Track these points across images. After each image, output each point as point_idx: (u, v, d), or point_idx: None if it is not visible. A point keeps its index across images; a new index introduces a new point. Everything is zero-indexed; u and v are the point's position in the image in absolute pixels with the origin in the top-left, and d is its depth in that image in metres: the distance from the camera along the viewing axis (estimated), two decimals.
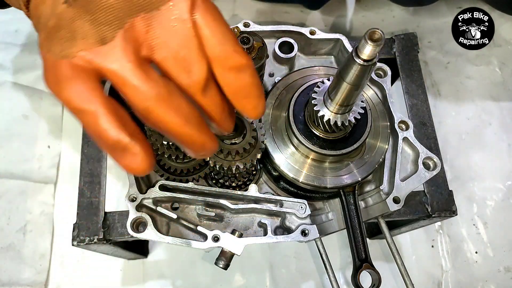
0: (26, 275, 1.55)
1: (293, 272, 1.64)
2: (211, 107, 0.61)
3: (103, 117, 0.54)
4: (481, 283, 1.64)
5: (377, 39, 0.64)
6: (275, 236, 0.95)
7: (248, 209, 0.97)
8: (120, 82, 0.54)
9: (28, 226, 1.60)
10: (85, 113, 0.54)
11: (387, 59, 1.39)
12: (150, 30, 0.55)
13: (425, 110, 1.31)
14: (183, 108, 0.57)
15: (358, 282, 0.92)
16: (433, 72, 1.93)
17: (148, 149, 0.59)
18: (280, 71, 1.14)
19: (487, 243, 1.69)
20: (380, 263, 1.62)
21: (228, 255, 0.93)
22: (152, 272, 1.62)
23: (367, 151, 0.99)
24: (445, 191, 1.22)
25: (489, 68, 1.95)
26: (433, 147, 1.26)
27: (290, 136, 0.96)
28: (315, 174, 0.96)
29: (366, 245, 0.96)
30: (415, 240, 1.68)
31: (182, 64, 0.57)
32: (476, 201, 1.74)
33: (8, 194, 1.63)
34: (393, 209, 0.99)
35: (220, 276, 1.61)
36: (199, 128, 0.60)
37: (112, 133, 0.54)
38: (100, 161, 1.22)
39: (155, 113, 0.55)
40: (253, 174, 1.04)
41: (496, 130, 1.85)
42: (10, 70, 1.78)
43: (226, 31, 0.60)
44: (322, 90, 0.86)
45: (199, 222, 0.99)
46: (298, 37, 1.13)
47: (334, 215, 1.05)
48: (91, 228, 1.13)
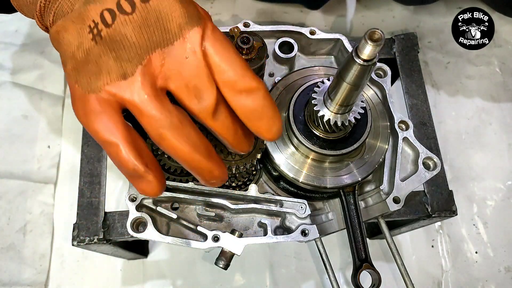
0: (26, 275, 1.55)
1: (293, 272, 1.64)
2: (222, 130, 0.66)
3: (124, 149, 0.62)
4: (481, 283, 1.64)
5: (377, 39, 0.64)
6: (275, 236, 0.95)
7: (248, 209, 0.97)
8: (138, 113, 0.62)
9: (28, 226, 1.61)
10: (110, 144, 0.62)
11: (387, 59, 1.39)
12: (165, 63, 0.62)
13: (425, 110, 1.31)
14: (192, 137, 0.64)
15: (358, 282, 0.92)
16: (433, 72, 1.93)
17: (160, 176, 0.67)
18: (280, 71, 1.14)
19: (487, 243, 1.69)
20: (380, 263, 1.62)
21: (228, 255, 0.93)
22: (152, 272, 1.62)
23: (367, 151, 0.99)
24: (445, 191, 1.22)
25: (489, 68, 1.95)
26: (433, 147, 1.26)
27: (290, 136, 0.96)
28: (315, 174, 0.96)
29: (366, 245, 0.96)
30: (415, 240, 1.68)
31: (193, 92, 0.63)
32: (476, 201, 1.74)
33: (8, 194, 1.63)
34: (393, 209, 0.99)
35: (220, 276, 1.61)
36: (207, 155, 0.66)
37: (130, 163, 0.62)
38: (100, 161, 1.22)
39: (167, 140, 0.62)
40: (253, 174, 1.04)
41: (496, 130, 1.85)
42: (10, 70, 1.78)
43: (235, 57, 0.65)
44: (322, 90, 0.86)
45: (199, 222, 0.99)
46: (298, 37, 1.13)
47: (334, 215, 1.05)
48: (91, 228, 1.13)
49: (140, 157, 0.63)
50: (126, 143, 0.62)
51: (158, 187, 0.66)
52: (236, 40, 0.89)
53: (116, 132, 0.61)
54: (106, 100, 0.61)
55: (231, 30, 0.91)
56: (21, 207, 1.62)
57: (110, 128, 0.61)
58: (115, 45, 0.61)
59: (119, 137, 0.61)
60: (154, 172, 0.65)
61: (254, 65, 0.92)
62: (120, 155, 0.62)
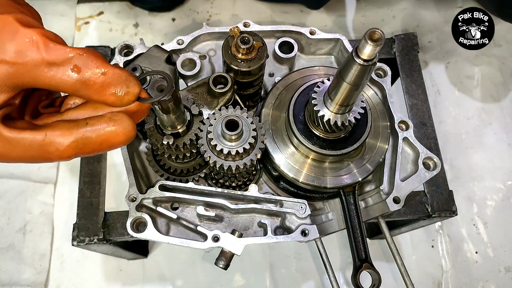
0: (26, 275, 1.55)
1: (293, 272, 1.64)
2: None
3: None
4: (481, 283, 1.65)
5: (377, 39, 0.64)
6: (275, 236, 0.95)
7: (248, 209, 0.97)
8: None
9: (28, 226, 1.61)
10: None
11: (387, 59, 1.39)
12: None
13: (425, 110, 1.31)
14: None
15: (358, 282, 0.92)
16: (433, 72, 1.93)
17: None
18: (280, 71, 1.14)
19: (487, 243, 1.69)
20: (380, 263, 1.62)
21: (228, 255, 0.93)
22: (152, 272, 1.62)
23: (367, 151, 0.99)
24: (445, 191, 1.22)
25: (489, 68, 1.95)
26: (433, 147, 1.26)
27: (290, 136, 0.96)
28: (315, 174, 0.96)
29: (366, 245, 0.96)
30: (415, 240, 1.68)
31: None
32: (476, 201, 1.74)
33: (8, 194, 1.63)
34: (393, 209, 0.99)
35: (220, 276, 1.61)
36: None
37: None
38: (100, 161, 1.22)
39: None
40: (253, 174, 1.04)
41: (496, 130, 1.85)
42: None
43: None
44: (322, 90, 0.86)
45: (199, 222, 0.99)
46: (298, 37, 1.13)
47: (334, 215, 1.05)
48: (91, 228, 1.13)
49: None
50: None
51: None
52: (236, 40, 0.89)
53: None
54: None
55: (231, 30, 0.91)
56: (21, 207, 1.62)
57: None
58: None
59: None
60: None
61: (254, 65, 0.92)
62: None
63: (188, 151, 0.92)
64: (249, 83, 0.98)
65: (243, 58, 0.91)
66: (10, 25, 0.59)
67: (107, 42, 1.80)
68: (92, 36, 1.96)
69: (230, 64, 0.92)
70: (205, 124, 0.87)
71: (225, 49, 0.92)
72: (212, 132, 0.85)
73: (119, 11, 2.01)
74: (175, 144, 0.88)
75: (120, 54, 1.05)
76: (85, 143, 0.64)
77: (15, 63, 0.59)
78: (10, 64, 0.59)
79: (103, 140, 0.65)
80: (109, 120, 0.65)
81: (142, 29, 1.98)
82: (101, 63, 0.62)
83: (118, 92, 0.64)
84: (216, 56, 1.13)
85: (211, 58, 1.12)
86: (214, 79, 0.95)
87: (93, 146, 0.65)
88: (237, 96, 1.00)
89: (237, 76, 0.95)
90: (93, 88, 0.62)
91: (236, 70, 0.93)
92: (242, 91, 1.01)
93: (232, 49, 0.91)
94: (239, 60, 0.91)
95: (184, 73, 1.07)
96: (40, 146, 0.63)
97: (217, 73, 0.95)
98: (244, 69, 0.92)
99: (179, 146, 0.88)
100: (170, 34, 1.96)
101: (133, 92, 0.65)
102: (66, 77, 0.61)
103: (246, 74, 0.94)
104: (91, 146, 0.65)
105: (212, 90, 0.95)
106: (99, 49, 1.35)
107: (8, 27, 0.59)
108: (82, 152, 0.65)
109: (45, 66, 0.60)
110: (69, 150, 0.64)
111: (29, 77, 0.61)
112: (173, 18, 2.00)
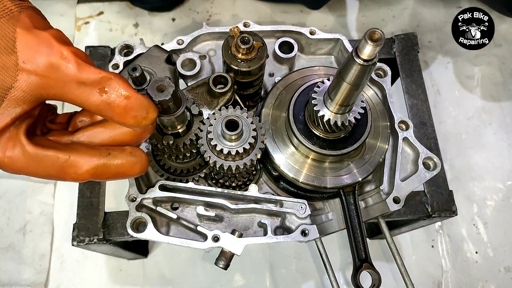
0: (26, 275, 1.55)
1: (293, 272, 1.64)
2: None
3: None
4: (481, 283, 1.65)
5: (377, 39, 0.64)
6: (275, 236, 0.95)
7: (248, 209, 0.97)
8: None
9: (28, 226, 1.61)
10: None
11: (387, 59, 1.39)
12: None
13: (425, 110, 1.31)
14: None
15: (358, 282, 0.92)
16: (433, 72, 1.93)
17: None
18: (280, 71, 1.14)
19: (487, 243, 1.69)
20: (380, 263, 1.62)
21: (228, 255, 0.93)
22: (152, 272, 1.62)
23: (367, 151, 0.99)
24: (445, 191, 1.22)
25: (489, 68, 1.95)
26: (433, 147, 1.26)
27: (290, 136, 0.96)
28: (315, 174, 0.96)
29: (366, 245, 0.96)
30: (415, 240, 1.68)
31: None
32: (476, 201, 1.74)
33: (8, 194, 1.63)
34: (393, 209, 0.99)
35: (220, 276, 1.61)
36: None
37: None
38: None
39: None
40: (253, 174, 1.04)
41: (496, 130, 1.85)
42: None
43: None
44: (322, 90, 0.86)
45: (199, 222, 0.99)
46: (298, 37, 1.13)
47: (334, 215, 1.05)
48: (91, 228, 1.13)
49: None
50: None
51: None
52: (236, 40, 0.89)
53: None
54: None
55: (231, 30, 0.91)
56: (21, 207, 1.62)
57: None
58: None
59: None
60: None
61: (254, 65, 0.92)
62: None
63: (188, 151, 0.92)
64: (249, 83, 0.98)
65: (243, 58, 0.91)
66: (46, 41, 0.62)
67: (107, 42, 1.80)
68: (92, 36, 1.96)
69: (230, 64, 0.92)
70: (205, 124, 0.87)
71: (225, 49, 0.92)
72: (212, 132, 0.85)
73: (119, 11, 2.01)
74: (175, 144, 0.88)
75: (120, 54, 1.05)
76: (103, 171, 0.69)
77: (45, 76, 0.62)
78: (41, 76, 0.62)
79: (120, 171, 0.70)
80: (130, 155, 0.70)
81: (142, 29, 1.98)
82: (126, 88, 0.66)
83: (138, 116, 0.67)
84: (216, 56, 1.13)
85: (211, 58, 1.12)
86: (214, 79, 0.95)
87: (109, 175, 0.70)
88: (237, 96, 1.00)
89: (237, 76, 0.95)
90: (116, 110, 0.66)
91: (236, 70, 0.93)
92: (242, 91, 1.01)
93: (232, 49, 0.91)
94: (239, 60, 0.91)
95: (184, 73, 1.07)
96: (61, 167, 0.67)
97: (217, 73, 0.95)
98: (244, 69, 0.92)
99: (179, 146, 0.88)
100: (170, 34, 1.96)
101: (151, 117, 0.69)
102: (92, 96, 0.65)
103: (246, 74, 0.94)
104: (107, 175, 0.70)
105: (212, 90, 0.95)
106: (99, 49, 1.34)
107: (44, 43, 0.62)
108: (97, 178, 0.69)
109: (75, 84, 0.64)
110: (87, 174, 0.68)
111: (57, 91, 0.64)
112: (173, 18, 2.00)
